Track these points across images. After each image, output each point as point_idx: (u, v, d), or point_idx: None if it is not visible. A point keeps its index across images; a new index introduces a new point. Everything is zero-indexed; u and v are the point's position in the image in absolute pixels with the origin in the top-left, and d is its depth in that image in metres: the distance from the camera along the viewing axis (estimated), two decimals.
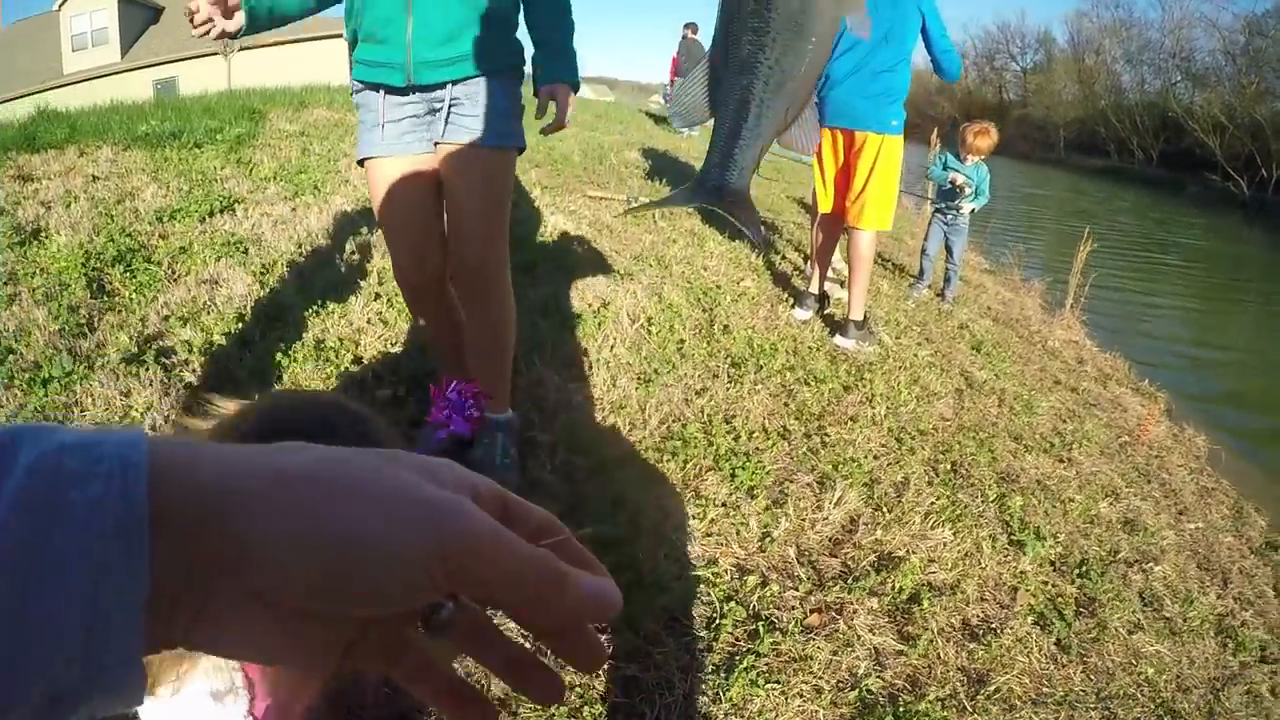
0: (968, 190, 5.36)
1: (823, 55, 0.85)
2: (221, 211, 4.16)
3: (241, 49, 23.80)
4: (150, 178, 4.69)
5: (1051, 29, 52.60)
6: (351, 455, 0.32)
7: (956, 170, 5.40)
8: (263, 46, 23.77)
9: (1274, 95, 32.96)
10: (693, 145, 11.55)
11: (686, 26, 15.14)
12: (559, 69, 2.00)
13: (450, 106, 1.91)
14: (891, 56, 3.68)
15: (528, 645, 0.36)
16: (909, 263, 6.67)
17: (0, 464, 0.26)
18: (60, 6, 28.27)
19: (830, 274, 4.45)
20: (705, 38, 14.45)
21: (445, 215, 2.09)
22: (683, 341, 3.41)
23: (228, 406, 0.96)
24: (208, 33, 1.62)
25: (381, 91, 1.92)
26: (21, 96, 25.24)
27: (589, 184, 6.92)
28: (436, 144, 1.96)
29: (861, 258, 3.86)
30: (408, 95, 1.91)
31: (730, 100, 0.84)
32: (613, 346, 3.24)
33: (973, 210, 5.49)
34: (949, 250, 5.55)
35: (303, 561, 0.29)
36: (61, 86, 25.19)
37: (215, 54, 23.59)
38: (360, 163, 2.04)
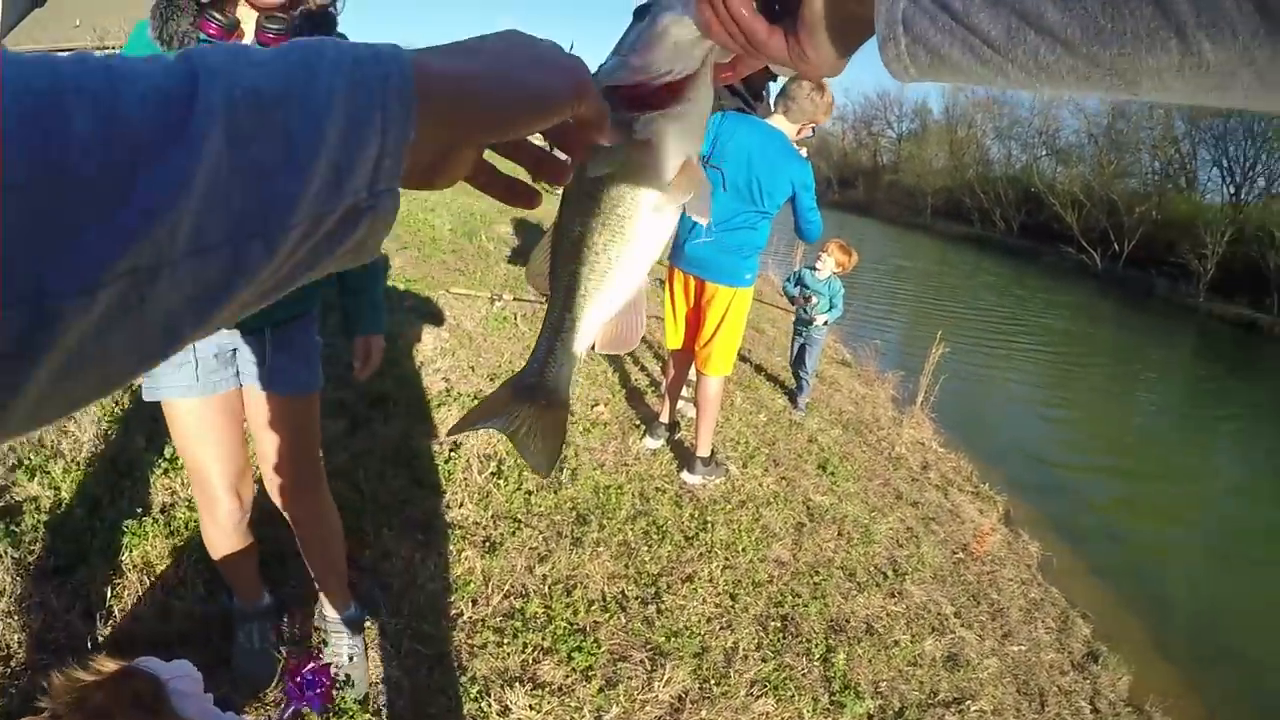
0: (816, 302, 5.65)
1: (654, 247, 0.81)
2: None
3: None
4: None
5: (928, 100, 55.45)
6: (525, 42, 0.54)
7: (808, 286, 5.70)
8: None
9: (1130, 175, 35.90)
10: None
11: None
12: (374, 321, 2.08)
13: (265, 351, 1.90)
14: (754, 216, 3.78)
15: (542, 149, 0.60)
16: (765, 358, 6.95)
17: (317, 51, 0.40)
18: None
19: (683, 394, 4.62)
20: None
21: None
22: (530, 493, 3.48)
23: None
24: None
25: None
26: None
27: (455, 271, 7.01)
28: (243, 386, 1.94)
29: (709, 401, 4.02)
30: (218, 334, 1.83)
31: (560, 287, 0.82)
32: (461, 503, 3.28)
33: (826, 322, 5.78)
34: (803, 360, 5.81)
35: (514, 108, 0.49)
36: None
37: (95, 49, 22.58)
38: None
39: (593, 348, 0.88)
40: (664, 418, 4.41)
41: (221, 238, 0.34)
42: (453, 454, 3.63)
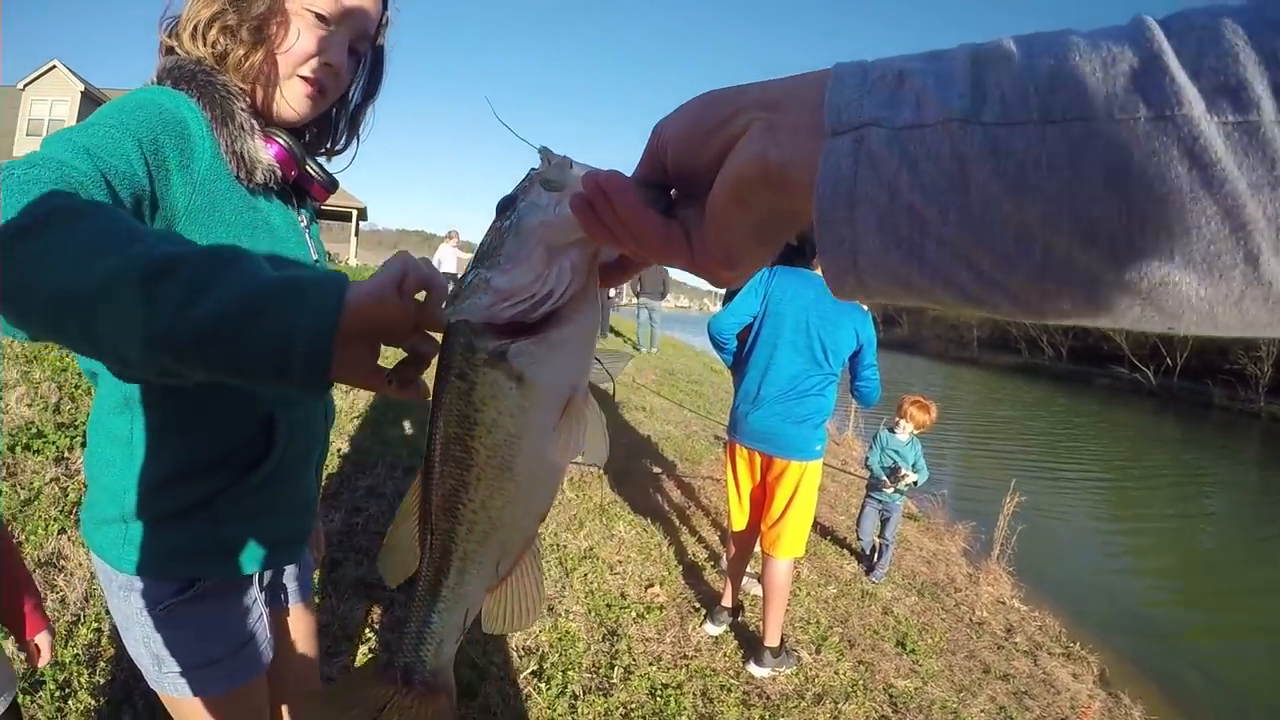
0: (905, 474, 5.32)
1: (542, 500, 0.70)
2: None
3: None
4: None
5: None
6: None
7: (895, 455, 5.40)
8: None
9: None
10: None
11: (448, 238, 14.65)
12: None
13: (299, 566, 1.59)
14: (820, 380, 3.54)
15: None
16: (828, 517, 6.57)
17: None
18: (25, 85, 27.98)
19: (747, 569, 4.26)
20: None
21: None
22: (576, 698, 3.13)
23: None
24: None
25: (256, 577, 1.37)
26: None
27: None
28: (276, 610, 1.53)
29: (777, 587, 3.66)
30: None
31: (432, 548, 0.69)
32: (494, 711, 2.94)
33: (916, 482, 5.45)
34: (883, 525, 5.50)
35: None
36: None
37: None
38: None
39: (477, 621, 0.75)
40: (726, 600, 4.06)
41: None
42: (489, 648, 3.31)
